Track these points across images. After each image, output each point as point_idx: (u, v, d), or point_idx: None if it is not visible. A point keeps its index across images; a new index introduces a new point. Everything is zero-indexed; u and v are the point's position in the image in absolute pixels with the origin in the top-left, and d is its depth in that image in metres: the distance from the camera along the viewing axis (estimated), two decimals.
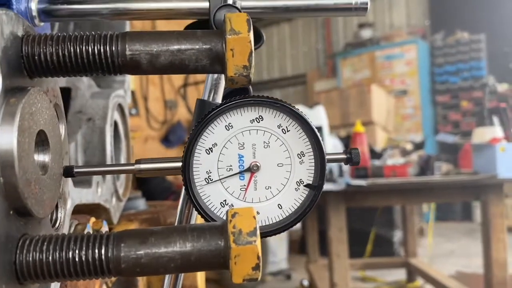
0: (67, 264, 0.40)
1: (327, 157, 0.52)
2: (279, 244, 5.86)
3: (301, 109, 3.15)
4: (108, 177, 0.93)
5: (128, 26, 1.15)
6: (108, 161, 0.95)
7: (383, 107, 6.63)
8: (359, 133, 3.99)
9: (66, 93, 0.99)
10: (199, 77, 7.23)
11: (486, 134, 3.30)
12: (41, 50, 0.43)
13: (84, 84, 1.01)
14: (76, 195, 0.73)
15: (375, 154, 4.65)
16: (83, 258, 0.40)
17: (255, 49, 0.70)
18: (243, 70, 0.44)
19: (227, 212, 0.42)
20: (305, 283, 5.19)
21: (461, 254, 5.45)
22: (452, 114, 7.17)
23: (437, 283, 3.59)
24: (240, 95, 0.58)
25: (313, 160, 0.52)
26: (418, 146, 4.57)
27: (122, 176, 1.07)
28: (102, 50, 0.44)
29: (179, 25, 0.69)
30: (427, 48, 7.43)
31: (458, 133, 6.77)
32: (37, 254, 0.40)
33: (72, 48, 0.44)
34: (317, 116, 4.54)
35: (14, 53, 0.42)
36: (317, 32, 9.38)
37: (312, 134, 0.51)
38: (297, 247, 6.62)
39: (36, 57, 0.43)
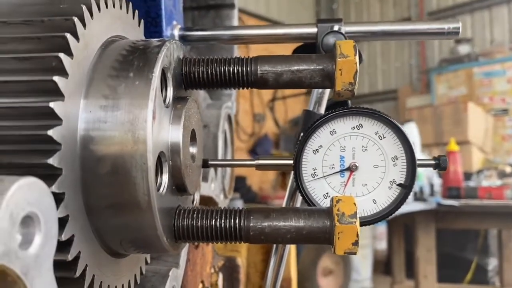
0: (210, 229, 0.53)
1: (418, 162, 0.61)
2: (363, 262, 5.76)
3: None
4: (219, 175, 1.09)
5: (236, 49, 1.32)
6: None
7: (481, 127, 6.27)
8: (452, 152, 3.86)
9: None
10: (287, 92, 7.41)
11: None
12: (195, 69, 0.58)
13: (201, 97, 1.18)
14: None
15: (468, 175, 4.44)
16: (222, 226, 0.53)
17: None
18: (348, 85, 0.55)
19: (332, 198, 0.53)
20: None
21: None
22: None
23: None
24: (340, 106, 0.70)
25: (405, 163, 0.61)
26: None
27: (228, 176, 1.23)
28: (240, 70, 0.57)
29: (285, 48, 0.82)
30: None
31: None
32: (190, 220, 0.54)
33: (218, 68, 0.58)
34: (409, 133, 4.46)
35: (178, 71, 0.57)
36: (410, 47, 9.14)
37: (405, 141, 0.60)
38: (383, 267, 6.45)
39: (191, 74, 0.58)
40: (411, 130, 4.46)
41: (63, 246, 0.42)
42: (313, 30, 0.77)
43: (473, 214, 3.46)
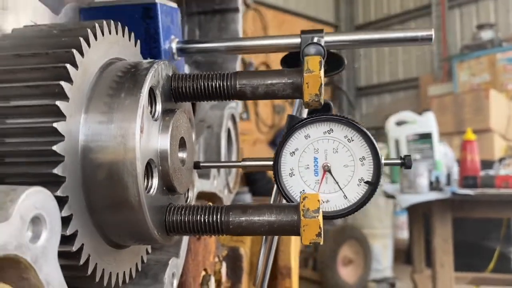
0: (196, 224, 0.62)
1: (383, 161, 0.68)
2: (384, 252, 5.80)
3: (410, 115, 3.23)
4: (222, 172, 1.18)
5: (239, 59, 1.42)
6: (223, 160, 1.19)
7: (503, 114, 6.17)
8: (469, 141, 3.85)
9: (192, 105, 1.26)
10: None
11: None
12: (183, 84, 0.67)
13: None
14: (199, 184, 0.97)
15: (490, 163, 4.40)
16: (206, 221, 0.62)
17: (337, 73, 0.88)
18: (315, 97, 0.63)
19: (300, 196, 0.61)
20: None
21: None
22: None
23: None
24: (323, 111, 0.78)
25: (372, 163, 0.68)
26: None
27: (233, 172, 1.31)
28: (221, 84, 0.66)
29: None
30: None
31: None
32: (178, 216, 0.63)
33: (202, 82, 0.66)
34: (426, 123, 4.44)
35: (167, 87, 0.66)
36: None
37: (371, 143, 0.68)
38: (403, 257, 6.46)
39: (180, 89, 0.67)
40: (429, 120, 4.44)
41: (68, 240, 0.52)
42: (297, 40, 0.84)
43: (490, 203, 3.45)
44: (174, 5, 0.90)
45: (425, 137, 4.44)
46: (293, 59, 0.85)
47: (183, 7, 1.52)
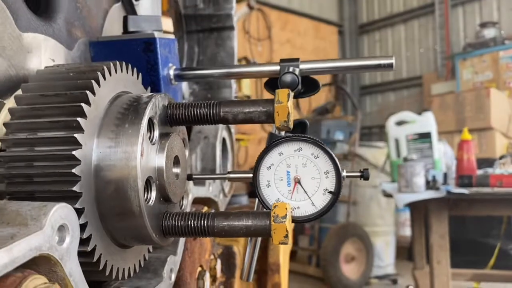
0: (187, 228, 0.76)
1: (344, 174, 0.81)
2: (386, 249, 5.92)
3: (410, 114, 3.41)
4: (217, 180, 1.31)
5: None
6: (217, 168, 1.33)
7: (505, 112, 6.25)
8: (466, 141, 3.95)
9: None
10: None
11: None
12: (177, 111, 0.80)
13: None
14: (195, 191, 1.11)
15: (491, 162, 4.50)
16: (195, 225, 0.76)
17: (312, 94, 1.02)
18: (284, 123, 0.76)
19: (272, 204, 0.74)
20: None
21: None
22: None
23: None
24: (301, 128, 0.92)
25: (334, 176, 0.81)
26: None
27: None
28: (208, 111, 0.79)
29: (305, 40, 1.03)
30: None
31: None
32: (173, 221, 0.77)
33: (193, 110, 0.80)
34: (426, 122, 4.55)
35: (163, 114, 0.79)
36: (435, 32, 9.06)
37: (333, 160, 0.81)
38: (406, 253, 6.56)
39: (174, 116, 0.80)
40: (428, 119, 4.53)
41: (84, 242, 0.66)
42: (277, 68, 0.98)
43: (485, 202, 3.56)
44: (172, 36, 1.03)
45: (425, 136, 4.54)
46: (274, 83, 0.99)
47: (183, 26, 1.66)
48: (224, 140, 1.45)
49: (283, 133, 0.98)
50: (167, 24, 1.47)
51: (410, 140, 4.57)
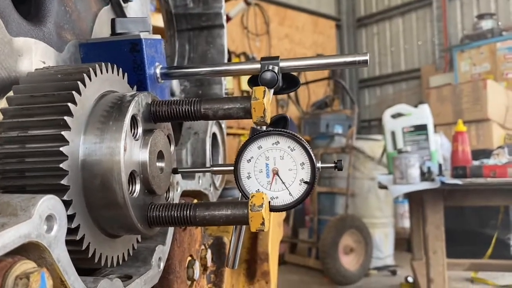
0: (170, 218, 0.81)
1: (318, 165, 0.86)
2: (385, 240, 5.97)
3: (406, 107, 3.51)
4: (207, 173, 1.36)
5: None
6: (207, 162, 1.38)
7: (501, 103, 6.28)
8: (461, 132, 4.00)
9: None
10: (310, 76, 7.61)
11: None
12: (160, 109, 0.85)
13: None
14: (184, 184, 1.16)
15: (488, 153, 4.54)
16: (178, 215, 0.81)
17: (292, 90, 1.06)
18: (261, 118, 0.81)
19: (250, 194, 0.79)
20: (410, 279, 5.25)
21: None
22: None
23: None
24: (282, 122, 0.96)
25: (309, 167, 0.86)
26: None
27: None
28: (189, 108, 0.84)
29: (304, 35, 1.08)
30: None
31: None
32: (157, 212, 0.82)
33: (175, 107, 0.85)
34: (421, 114, 4.59)
35: (147, 112, 0.84)
36: (432, 25, 9.07)
37: (308, 152, 0.86)
38: (405, 245, 6.62)
39: (157, 113, 0.85)
40: (424, 112, 4.57)
41: (73, 231, 0.71)
42: (258, 66, 1.02)
43: (479, 192, 3.61)
44: (158, 36, 1.08)
45: (421, 128, 4.58)
46: (256, 80, 1.03)
47: (174, 25, 1.71)
48: (215, 135, 1.50)
49: (265, 127, 1.03)
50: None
51: (406, 133, 4.61)
